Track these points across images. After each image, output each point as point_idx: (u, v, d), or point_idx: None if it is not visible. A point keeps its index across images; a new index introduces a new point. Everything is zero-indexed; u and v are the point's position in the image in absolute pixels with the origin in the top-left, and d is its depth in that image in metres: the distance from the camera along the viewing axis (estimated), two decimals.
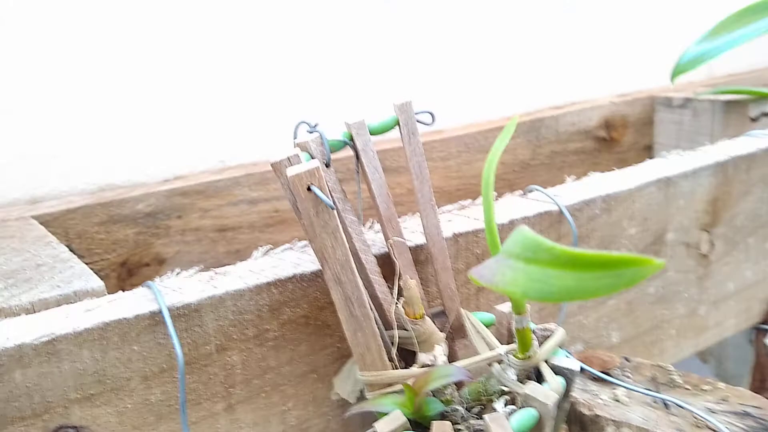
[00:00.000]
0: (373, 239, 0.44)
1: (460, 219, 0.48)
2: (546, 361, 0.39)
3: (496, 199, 0.53)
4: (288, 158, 0.36)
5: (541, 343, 0.41)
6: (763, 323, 0.68)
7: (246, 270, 0.41)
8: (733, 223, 0.62)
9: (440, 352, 0.40)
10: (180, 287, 0.39)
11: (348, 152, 0.42)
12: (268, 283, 0.39)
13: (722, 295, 0.63)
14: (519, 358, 0.38)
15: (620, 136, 0.89)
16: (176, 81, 0.65)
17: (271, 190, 0.65)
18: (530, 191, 0.53)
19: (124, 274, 0.59)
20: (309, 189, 0.34)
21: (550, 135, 0.82)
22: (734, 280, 0.64)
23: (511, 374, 0.39)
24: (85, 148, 0.60)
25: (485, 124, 0.79)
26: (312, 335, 0.42)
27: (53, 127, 0.59)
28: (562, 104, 0.89)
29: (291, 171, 0.34)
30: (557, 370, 0.39)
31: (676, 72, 0.70)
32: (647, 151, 0.92)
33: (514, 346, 0.39)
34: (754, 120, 0.81)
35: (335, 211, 0.35)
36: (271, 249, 0.43)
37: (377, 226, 0.47)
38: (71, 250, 0.47)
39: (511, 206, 0.50)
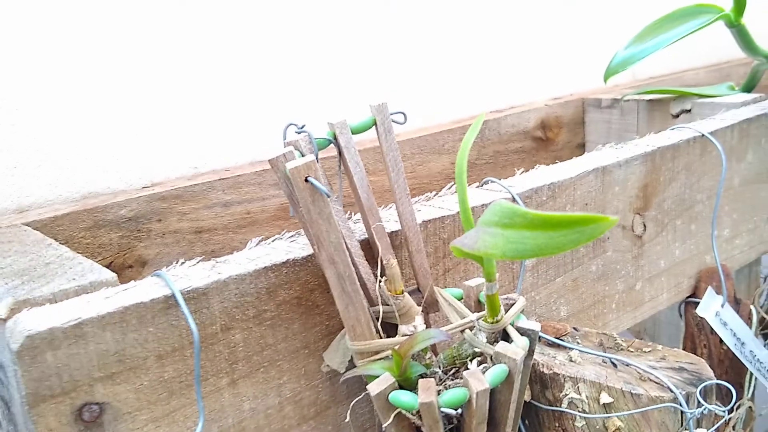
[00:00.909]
0: (353, 228, 0.49)
1: (427, 209, 0.54)
2: (512, 324, 0.45)
3: (455, 192, 0.59)
4: (284, 155, 0.41)
5: (506, 311, 0.46)
6: (690, 296, 0.76)
7: (243, 258, 0.46)
8: (662, 207, 0.70)
9: (420, 321, 0.46)
10: (187, 274, 0.43)
11: (326, 153, 0.47)
12: (266, 268, 0.44)
13: (655, 272, 0.71)
14: (488, 323, 0.44)
15: (555, 136, 0.97)
16: (149, 94, 0.69)
17: (243, 193, 0.69)
18: (486, 183, 0.59)
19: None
20: (306, 180, 0.39)
21: (493, 136, 0.89)
22: (665, 259, 0.72)
23: (482, 337, 0.45)
24: (67, 159, 0.63)
25: (436, 128, 0.86)
26: (304, 314, 0.47)
27: (38, 139, 0.62)
28: (503, 108, 0.96)
29: (290, 165, 0.39)
30: (522, 332, 0.45)
31: (609, 73, 0.78)
32: (580, 149, 1.00)
33: (483, 313, 0.45)
34: (675, 116, 0.89)
35: (329, 199, 0.40)
36: (264, 239, 0.48)
37: (356, 217, 0.52)
38: None
39: (471, 196, 0.56)
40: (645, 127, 0.92)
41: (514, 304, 0.47)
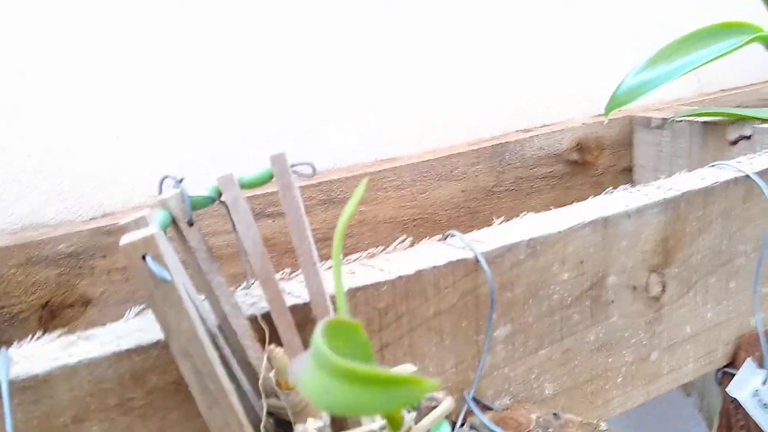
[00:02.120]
0: (246, 301, 0.42)
1: (364, 271, 0.46)
2: None
3: (412, 244, 0.50)
4: (135, 221, 0.34)
5: (425, 415, 0.38)
6: (728, 366, 0.64)
7: (111, 335, 0.39)
8: (689, 262, 0.58)
9: (312, 424, 0.37)
10: (32, 355, 0.37)
11: (305, 182, 0.39)
12: (129, 351, 0.37)
13: (678, 339, 0.59)
14: None
15: (595, 159, 0.85)
16: (99, 118, 0.63)
17: (204, 226, 0.63)
18: (449, 236, 0.50)
19: (47, 316, 0.58)
20: (144, 258, 0.32)
21: (515, 161, 0.79)
22: (692, 323, 0.60)
23: None
24: (5, 185, 0.59)
25: (443, 151, 0.76)
26: (184, 402, 0.39)
27: None
28: (531, 127, 0.85)
29: (125, 239, 0.32)
30: None
31: (611, 106, 0.66)
32: (626, 174, 0.87)
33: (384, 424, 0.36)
34: (732, 143, 0.76)
35: (177, 283, 0.32)
36: (145, 308, 0.41)
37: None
38: None
39: (424, 254, 0.47)
40: (698, 152, 0.79)
41: (436, 407, 0.38)
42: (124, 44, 0.63)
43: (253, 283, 0.43)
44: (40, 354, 0.37)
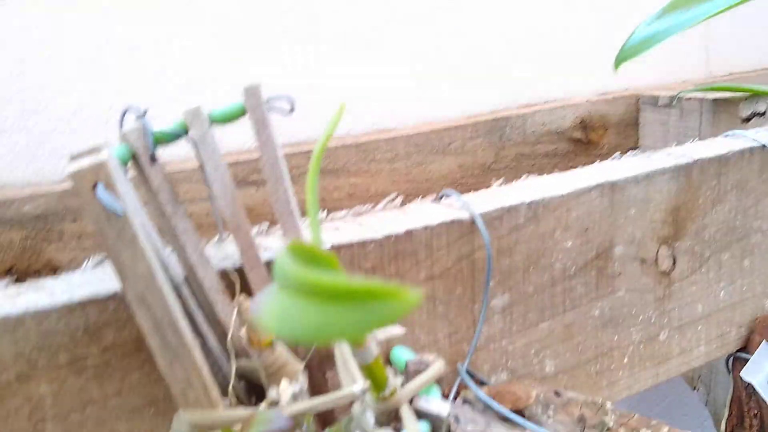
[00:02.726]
0: (218, 254, 0.38)
1: (349, 228, 0.42)
2: (412, 402, 0.32)
3: (403, 204, 0.46)
4: (88, 151, 0.30)
5: (413, 379, 0.34)
6: (741, 350, 0.60)
7: (66, 284, 0.35)
8: (702, 236, 0.54)
9: (286, 386, 0.33)
10: None
11: None
12: (82, 302, 0.33)
13: (689, 319, 0.55)
14: (375, 399, 0.32)
15: (599, 138, 0.81)
16: (76, 71, 0.59)
17: (182, 192, 0.59)
18: (444, 196, 0.46)
19: (11, 283, 0.54)
20: (94, 188, 0.28)
21: (516, 136, 0.75)
22: (704, 302, 0.56)
23: (369, 416, 0.32)
24: None
25: (439, 123, 0.72)
26: (146, 363, 0.35)
27: None
28: (534, 102, 0.81)
29: (72, 166, 0.28)
30: (422, 414, 0.32)
31: (622, 57, 0.61)
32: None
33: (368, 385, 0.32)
34: (745, 120, 0.72)
35: (131, 218, 0.28)
36: (104, 259, 0.37)
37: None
38: None
39: (415, 213, 0.43)
40: (708, 131, 0.75)
41: (424, 370, 0.34)
42: None
43: (226, 238, 0.39)
44: None
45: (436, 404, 0.32)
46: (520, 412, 0.41)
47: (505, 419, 0.41)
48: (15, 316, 0.32)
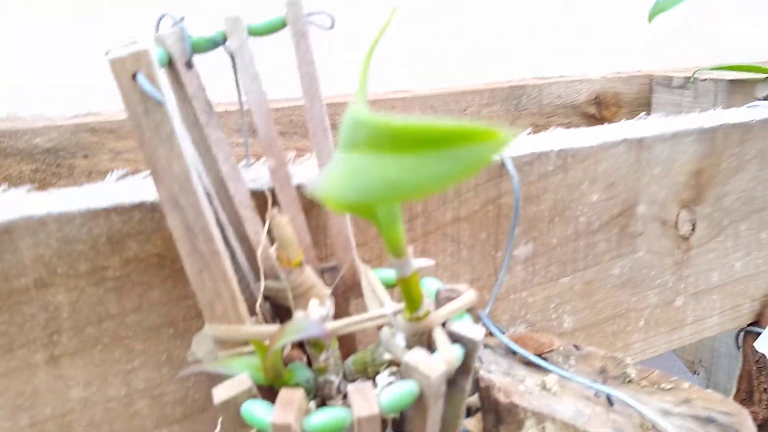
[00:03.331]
0: (253, 174, 0.36)
1: None
2: (445, 326, 0.31)
3: None
4: (124, 45, 0.29)
5: (441, 306, 0.33)
6: (752, 324, 0.59)
7: (91, 192, 0.33)
8: (722, 203, 0.54)
9: (315, 307, 0.32)
10: None
11: None
12: (106, 210, 0.32)
13: (704, 287, 0.55)
14: (408, 320, 0.30)
15: (612, 116, 0.80)
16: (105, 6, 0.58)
17: None
18: None
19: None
20: (134, 78, 0.27)
21: (532, 106, 0.74)
22: (720, 271, 0.55)
23: (400, 339, 0.31)
24: None
25: (457, 87, 0.71)
26: (168, 280, 0.34)
27: None
28: (549, 76, 0.80)
29: (112, 53, 0.27)
30: (455, 338, 0.31)
31: (655, 11, 0.61)
32: None
33: (402, 307, 0.31)
34: (762, 101, 0.72)
35: (170, 113, 0.27)
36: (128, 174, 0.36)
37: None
38: None
39: None
40: None
41: (457, 297, 0.33)
42: None
43: (253, 163, 0.38)
44: (3, 202, 0.32)
45: (470, 328, 0.31)
46: (541, 358, 0.40)
47: (527, 364, 0.40)
48: (37, 218, 0.30)
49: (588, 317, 0.49)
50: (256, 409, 0.28)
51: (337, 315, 0.35)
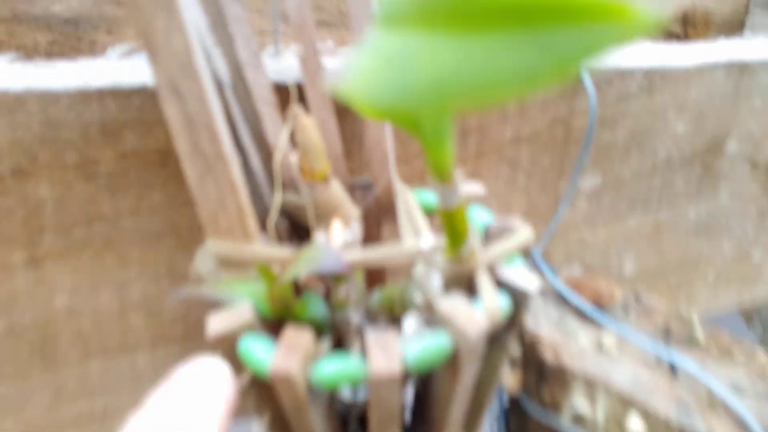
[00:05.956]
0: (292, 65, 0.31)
1: None
2: (492, 270, 0.26)
3: None
4: None
5: (489, 242, 0.27)
6: None
7: (84, 68, 0.28)
8: None
9: (338, 231, 0.27)
10: None
11: None
12: (100, 91, 0.26)
13: None
14: (448, 259, 0.25)
15: (699, 36, 0.72)
16: None
17: None
18: None
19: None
20: None
21: None
22: None
23: (436, 281, 0.25)
24: None
25: None
26: (171, 181, 0.29)
27: None
28: None
29: None
30: (503, 286, 0.25)
31: None
32: None
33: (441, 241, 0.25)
34: None
35: None
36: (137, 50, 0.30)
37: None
38: None
39: None
40: None
41: (509, 235, 0.27)
42: None
43: (283, 51, 0.32)
44: None
45: (523, 276, 0.25)
46: (598, 309, 0.35)
47: (581, 315, 0.34)
48: (15, 93, 0.25)
49: (652, 264, 0.43)
50: (256, 348, 0.23)
51: (366, 239, 0.30)
